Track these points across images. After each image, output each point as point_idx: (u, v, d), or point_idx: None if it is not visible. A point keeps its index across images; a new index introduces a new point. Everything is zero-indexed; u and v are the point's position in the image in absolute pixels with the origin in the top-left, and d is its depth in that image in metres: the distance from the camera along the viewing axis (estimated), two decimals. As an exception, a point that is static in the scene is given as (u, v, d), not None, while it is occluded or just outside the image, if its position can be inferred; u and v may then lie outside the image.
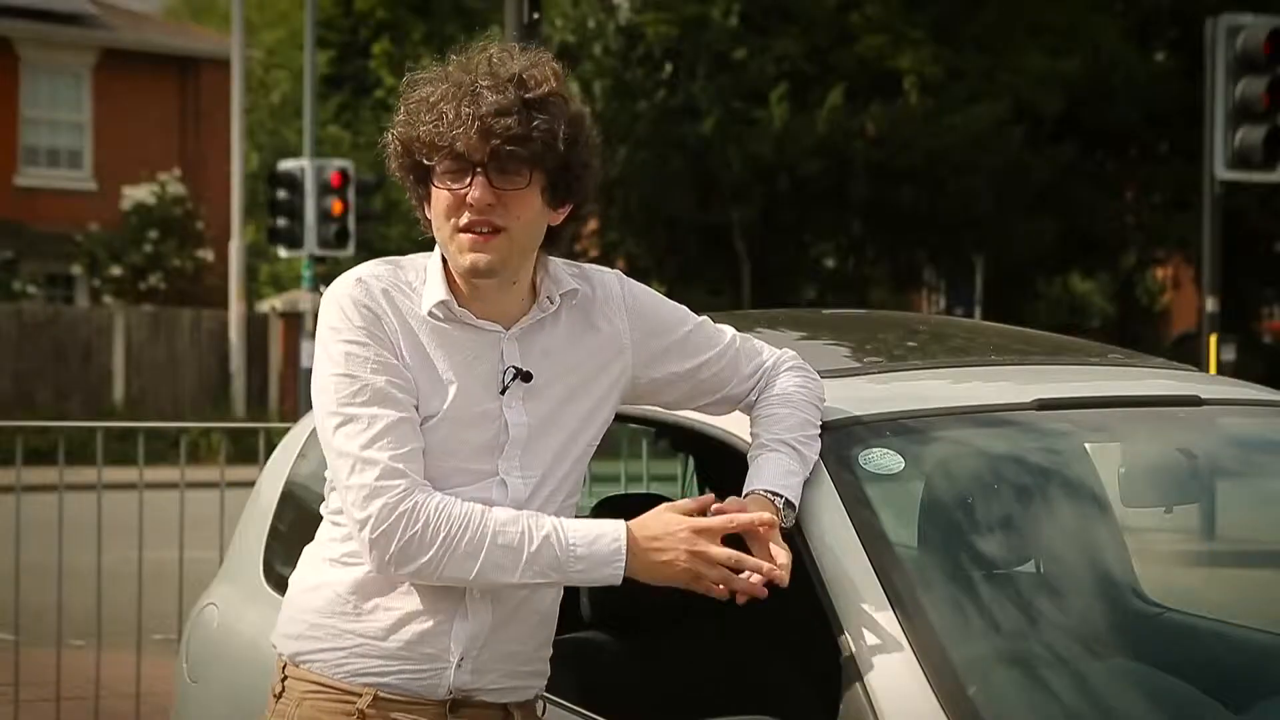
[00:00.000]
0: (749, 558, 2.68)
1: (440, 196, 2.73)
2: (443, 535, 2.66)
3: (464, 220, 2.70)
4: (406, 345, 2.74)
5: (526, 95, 2.69)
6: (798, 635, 3.42)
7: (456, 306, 2.76)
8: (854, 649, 2.72)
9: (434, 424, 2.74)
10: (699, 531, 2.68)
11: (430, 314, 2.76)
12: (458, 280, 2.78)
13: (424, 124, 2.71)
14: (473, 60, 2.74)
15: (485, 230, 2.70)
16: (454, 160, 2.69)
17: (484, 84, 2.69)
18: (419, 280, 2.79)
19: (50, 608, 7.05)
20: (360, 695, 2.75)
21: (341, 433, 2.71)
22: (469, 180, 2.69)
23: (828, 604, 2.79)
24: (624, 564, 2.67)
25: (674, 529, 2.68)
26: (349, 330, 2.73)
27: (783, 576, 2.68)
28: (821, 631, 2.81)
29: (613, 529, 2.69)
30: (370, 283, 2.76)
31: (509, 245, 2.72)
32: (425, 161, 2.73)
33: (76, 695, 7.34)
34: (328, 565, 2.81)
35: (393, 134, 2.77)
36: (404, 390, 2.72)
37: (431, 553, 2.66)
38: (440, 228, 2.75)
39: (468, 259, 2.71)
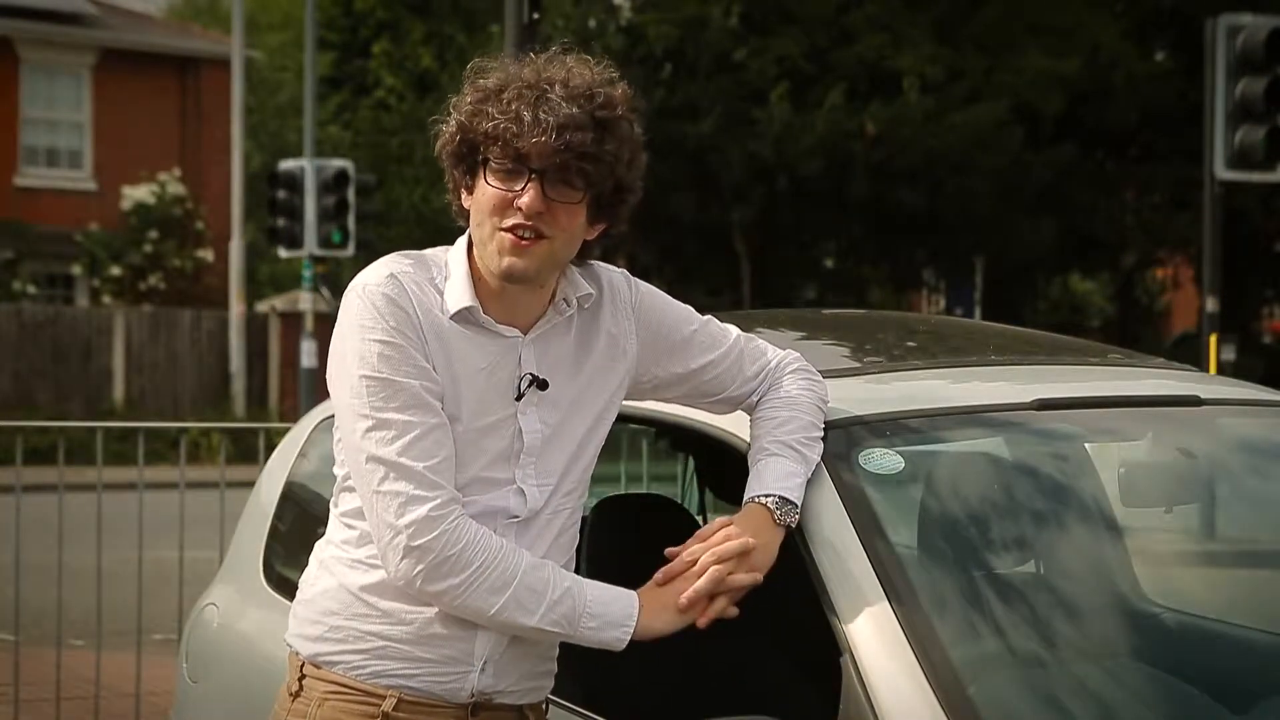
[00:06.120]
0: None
1: (489, 193, 2.68)
2: (478, 563, 2.65)
3: (509, 222, 2.67)
4: (432, 347, 2.70)
5: (599, 113, 2.66)
6: (798, 635, 3.42)
7: (481, 314, 2.73)
8: (854, 649, 2.72)
9: (455, 431, 2.71)
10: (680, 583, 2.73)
11: (454, 317, 2.72)
12: (485, 278, 2.74)
13: (492, 117, 2.66)
14: (543, 63, 2.70)
15: (529, 236, 2.66)
16: (514, 160, 2.65)
17: (558, 92, 2.65)
18: (441, 278, 2.75)
19: (50, 608, 7.06)
20: (384, 697, 2.74)
21: (373, 438, 2.66)
22: (523, 184, 2.66)
23: (827, 604, 2.79)
24: (632, 632, 2.70)
25: (669, 599, 2.73)
26: (381, 329, 2.67)
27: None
28: (821, 631, 2.81)
29: (628, 599, 2.72)
30: (402, 279, 2.71)
31: (549, 254, 2.69)
32: (482, 153, 2.69)
33: (76, 695, 7.34)
34: (344, 567, 2.78)
35: (454, 117, 2.72)
36: (435, 395, 2.68)
37: (463, 576, 2.65)
38: (482, 223, 2.70)
39: (505, 261, 2.68)
